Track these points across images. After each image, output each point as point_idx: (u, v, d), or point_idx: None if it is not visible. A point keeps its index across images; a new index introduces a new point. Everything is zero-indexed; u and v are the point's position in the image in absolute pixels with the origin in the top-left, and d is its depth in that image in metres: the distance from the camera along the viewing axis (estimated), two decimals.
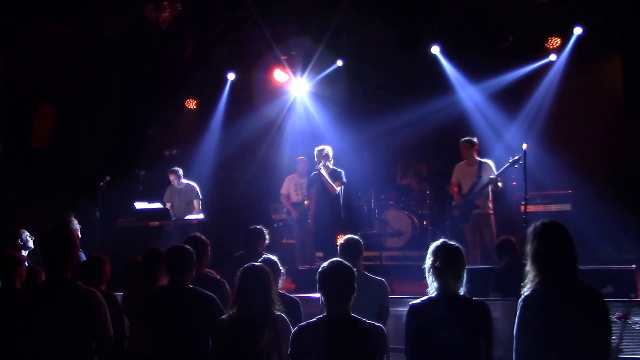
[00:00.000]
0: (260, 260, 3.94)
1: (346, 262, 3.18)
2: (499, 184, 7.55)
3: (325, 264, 3.17)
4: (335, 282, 3.09)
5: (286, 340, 3.32)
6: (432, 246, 3.21)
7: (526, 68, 9.53)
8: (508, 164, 7.37)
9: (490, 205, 7.72)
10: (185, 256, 3.91)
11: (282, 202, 8.97)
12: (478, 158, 7.80)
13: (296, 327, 3.18)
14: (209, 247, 4.83)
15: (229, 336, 3.37)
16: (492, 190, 7.66)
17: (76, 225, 6.53)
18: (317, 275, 3.15)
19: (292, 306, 3.81)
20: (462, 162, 7.90)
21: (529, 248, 3.11)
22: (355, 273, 3.17)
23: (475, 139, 7.86)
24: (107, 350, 3.26)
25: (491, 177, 7.51)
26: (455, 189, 7.84)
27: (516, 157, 7.15)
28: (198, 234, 4.86)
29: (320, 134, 10.27)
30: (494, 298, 5.15)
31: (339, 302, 3.07)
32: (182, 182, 8.86)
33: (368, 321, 3.12)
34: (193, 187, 8.90)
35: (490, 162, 7.70)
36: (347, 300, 3.07)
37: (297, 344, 3.12)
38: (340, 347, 3.02)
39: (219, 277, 4.77)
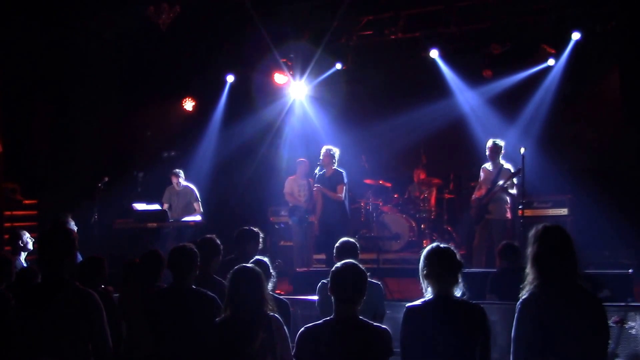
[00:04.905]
0: (251, 261, 3.94)
1: (359, 265, 3.19)
2: (511, 191, 7.48)
3: (339, 264, 3.17)
4: (349, 283, 3.09)
5: (281, 341, 3.32)
6: (425, 250, 3.21)
7: (524, 73, 9.55)
8: (511, 174, 7.37)
9: (508, 212, 7.65)
10: (188, 256, 3.90)
11: (287, 199, 8.84)
12: (502, 162, 7.70)
13: (303, 328, 3.17)
14: (220, 252, 4.71)
15: (223, 337, 3.35)
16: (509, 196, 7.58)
17: (73, 226, 6.54)
18: (330, 275, 3.15)
19: (281, 307, 3.82)
20: (487, 163, 7.86)
21: (529, 251, 3.11)
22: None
23: (501, 142, 7.74)
24: (103, 351, 3.25)
25: (499, 183, 7.48)
26: (478, 193, 7.83)
27: (518, 169, 7.16)
28: (213, 237, 4.73)
29: (318, 136, 10.29)
30: (491, 301, 5.17)
31: (350, 304, 3.07)
32: (181, 184, 8.91)
33: (375, 324, 3.13)
34: (192, 190, 8.94)
35: (510, 167, 7.61)
36: (357, 302, 3.08)
37: (304, 345, 3.11)
38: (349, 349, 3.02)
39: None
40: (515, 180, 7.45)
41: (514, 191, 7.49)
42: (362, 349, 3.03)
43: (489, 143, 7.78)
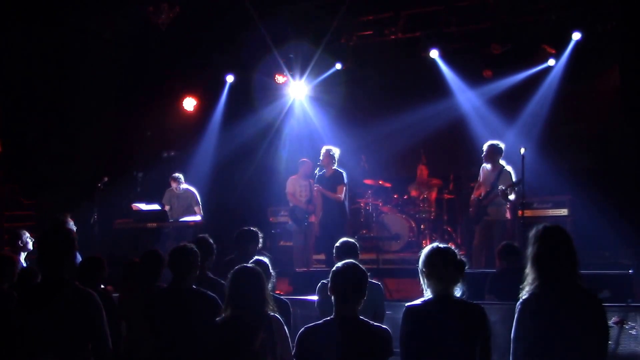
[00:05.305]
0: (251, 262, 3.94)
1: (360, 265, 3.18)
2: (510, 196, 7.40)
3: (339, 264, 3.17)
4: (349, 283, 3.09)
5: (281, 341, 3.32)
6: (425, 250, 3.20)
7: (524, 73, 9.54)
8: (512, 183, 7.33)
9: (507, 212, 7.60)
10: (189, 256, 3.90)
11: (290, 200, 8.78)
12: (502, 163, 7.57)
13: (303, 328, 3.16)
14: (214, 251, 4.78)
15: (224, 338, 3.34)
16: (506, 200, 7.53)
17: (72, 226, 6.54)
18: (330, 275, 3.15)
19: (281, 307, 3.82)
20: (488, 165, 7.72)
21: (529, 251, 3.11)
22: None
23: (499, 145, 7.59)
24: (103, 351, 3.25)
25: (500, 187, 7.44)
26: (477, 192, 7.77)
27: (518, 180, 7.15)
28: (206, 237, 4.81)
29: (318, 136, 10.29)
30: (490, 301, 5.16)
31: (350, 304, 3.07)
32: (181, 187, 8.91)
33: (375, 324, 3.12)
34: (193, 194, 8.94)
35: (511, 170, 7.50)
36: (357, 302, 3.08)
37: (304, 345, 3.11)
38: (349, 348, 3.02)
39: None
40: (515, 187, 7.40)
41: (512, 197, 7.40)
42: (362, 349, 3.03)
43: (485, 146, 7.65)
